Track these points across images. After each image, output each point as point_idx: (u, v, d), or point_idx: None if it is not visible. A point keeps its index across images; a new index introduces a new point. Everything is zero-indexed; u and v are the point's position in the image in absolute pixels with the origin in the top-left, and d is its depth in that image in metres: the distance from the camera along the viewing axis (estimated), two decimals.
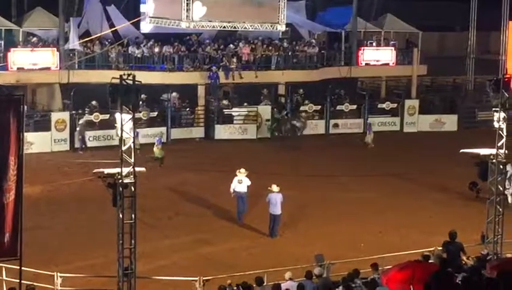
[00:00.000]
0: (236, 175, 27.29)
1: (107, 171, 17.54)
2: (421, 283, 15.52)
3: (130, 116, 17.38)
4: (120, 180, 17.14)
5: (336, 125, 42.97)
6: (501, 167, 21.33)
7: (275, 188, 25.83)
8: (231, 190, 27.18)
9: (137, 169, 17.48)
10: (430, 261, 18.96)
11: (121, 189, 17.18)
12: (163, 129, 39.16)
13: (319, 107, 42.81)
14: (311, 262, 20.01)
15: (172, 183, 31.91)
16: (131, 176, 17.34)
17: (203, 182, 32.14)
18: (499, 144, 21.10)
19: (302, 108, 42.38)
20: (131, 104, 17.28)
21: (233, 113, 41.06)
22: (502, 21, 49.82)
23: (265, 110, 41.29)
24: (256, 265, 20.98)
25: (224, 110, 40.95)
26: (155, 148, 34.84)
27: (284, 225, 26.24)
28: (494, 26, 51.10)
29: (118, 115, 17.59)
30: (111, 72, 34.99)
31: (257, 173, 29.13)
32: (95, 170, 18.33)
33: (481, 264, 18.41)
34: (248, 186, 27.07)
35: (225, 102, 41.49)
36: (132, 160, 17.28)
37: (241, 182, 27.11)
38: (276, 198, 25.60)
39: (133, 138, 17.46)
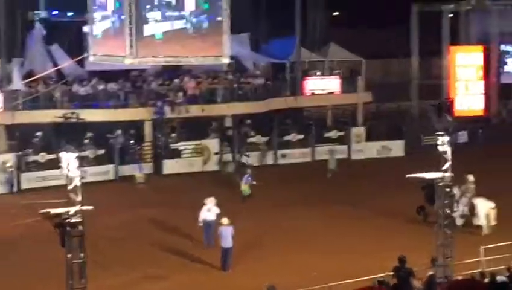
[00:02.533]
0: (204, 204, 27.57)
1: (53, 211, 17.37)
2: None
3: (75, 154, 17.27)
4: (67, 220, 16.97)
5: (284, 156, 43.09)
6: (447, 190, 21.53)
7: (225, 221, 25.78)
8: (200, 219, 27.42)
9: (84, 208, 17.34)
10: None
11: (68, 229, 17.01)
12: (111, 167, 38.88)
13: (267, 138, 42.91)
14: None
15: (122, 220, 31.64)
16: (79, 215, 17.19)
17: (153, 217, 31.93)
18: (444, 168, 21.32)
19: (249, 140, 42.47)
20: (75, 142, 17.17)
21: (181, 148, 40.96)
22: (443, 45, 50.59)
23: (212, 144, 41.26)
24: None
25: (171, 145, 40.84)
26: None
27: (237, 257, 26.13)
28: (436, 52, 51.89)
29: (62, 154, 17.46)
30: (56, 111, 34.58)
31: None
32: (42, 211, 18.12)
33: (431, 287, 18.54)
34: (217, 215, 27.22)
35: (172, 137, 41.40)
36: (79, 199, 17.13)
37: (210, 210, 27.40)
38: (226, 231, 25.54)
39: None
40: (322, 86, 46.81)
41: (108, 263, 26.09)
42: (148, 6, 38.24)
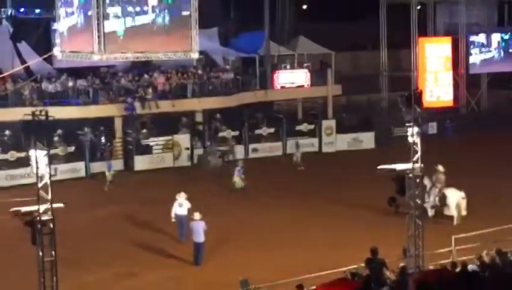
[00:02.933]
0: (176, 199, 27.61)
1: (24, 209, 17.27)
2: None
3: (45, 152, 17.16)
4: (38, 218, 16.88)
5: (255, 150, 43.11)
6: (418, 180, 21.64)
7: (197, 216, 25.77)
8: (172, 214, 27.50)
9: (55, 205, 17.25)
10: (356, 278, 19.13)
11: (39, 226, 16.92)
12: (82, 164, 38.69)
13: (237, 132, 42.92)
14: (237, 288, 19.97)
15: (93, 218, 31.55)
16: (49, 213, 17.10)
17: (125, 214, 31.85)
18: (414, 159, 21.43)
19: (220, 134, 42.45)
20: (45, 140, 17.07)
21: (151, 144, 40.85)
22: (412, 37, 50.86)
23: (183, 139, 41.17)
24: None
25: (142, 141, 40.72)
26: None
27: (209, 251, 26.13)
28: (404, 44, 52.16)
29: (32, 152, 17.36)
30: (25, 109, 34.34)
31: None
32: (12, 209, 18.00)
33: (403, 278, 18.63)
34: (189, 209, 27.25)
35: (143, 133, 41.27)
36: (49, 197, 17.04)
37: (181, 206, 27.50)
38: (198, 226, 25.54)
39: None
40: (291, 79, 46.90)
41: (81, 260, 25.99)
42: (108, 1, 37.84)
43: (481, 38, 52.42)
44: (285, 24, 50.04)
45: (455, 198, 29.65)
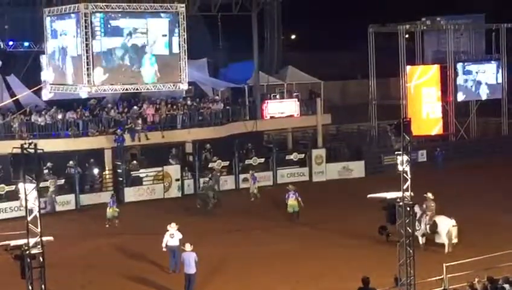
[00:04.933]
0: (167, 230, 27.50)
1: (13, 243, 17.19)
2: None
3: (34, 185, 17.12)
4: (27, 252, 16.80)
5: (245, 180, 43.05)
6: (408, 209, 21.63)
7: (188, 247, 25.67)
8: (163, 245, 27.40)
9: (44, 238, 17.17)
10: None
11: (28, 260, 16.84)
12: (72, 196, 38.57)
13: (228, 163, 42.90)
14: None
15: (84, 251, 31.39)
16: (39, 246, 17.02)
17: (116, 246, 31.71)
18: (404, 187, 21.44)
19: (210, 165, 42.41)
20: (34, 173, 17.03)
21: (141, 175, 40.77)
22: (400, 66, 51.07)
23: (173, 170, 41.11)
24: None
25: (132, 173, 40.64)
26: (108, 210, 34.72)
27: (200, 282, 26.02)
28: (393, 72, 52.36)
29: (21, 185, 17.31)
30: (14, 142, 34.41)
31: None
32: (1, 243, 17.92)
33: None
34: (180, 240, 27.16)
35: (133, 164, 41.20)
36: (39, 230, 16.97)
37: (173, 237, 27.41)
38: (189, 257, 25.43)
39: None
40: (281, 109, 46.98)
41: None
42: (99, 33, 38.01)
43: (469, 66, 52.60)
44: (274, 54, 50.18)
45: (446, 226, 29.62)
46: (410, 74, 51.46)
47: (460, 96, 52.18)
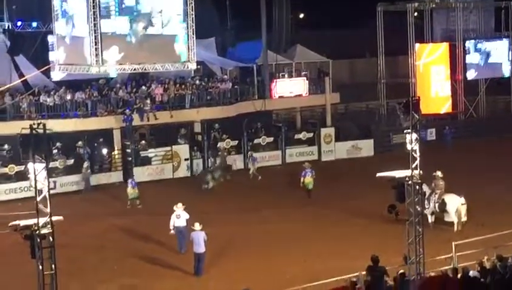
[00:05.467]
0: (174, 211, 27.50)
1: (23, 223, 17.25)
2: None
3: (43, 165, 17.16)
4: (37, 231, 16.86)
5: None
6: (417, 187, 21.61)
7: (197, 226, 25.74)
8: (171, 226, 27.40)
9: (54, 218, 17.22)
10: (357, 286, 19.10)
11: (38, 240, 16.90)
12: (81, 176, 38.64)
13: (236, 142, 42.91)
14: None
15: (94, 231, 31.47)
16: (49, 226, 17.07)
17: (126, 226, 31.80)
18: (413, 165, 21.41)
19: (219, 144, 42.41)
20: (43, 153, 17.07)
21: (150, 155, 40.82)
22: (409, 44, 50.90)
23: (182, 150, 41.14)
24: None
25: (141, 153, 40.68)
26: (129, 190, 34.65)
27: (209, 262, 26.10)
28: (402, 50, 52.18)
29: (30, 165, 17.35)
30: (23, 122, 34.42)
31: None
32: (11, 223, 17.98)
33: (403, 284, 18.61)
34: (187, 220, 27.19)
35: (142, 144, 41.24)
36: (48, 210, 17.02)
37: (179, 217, 27.41)
38: (198, 236, 25.50)
39: None
40: (289, 88, 46.85)
41: (82, 274, 25.96)
42: (109, 12, 37.95)
43: (478, 44, 52.40)
44: (283, 33, 49.98)
45: (455, 204, 29.62)
46: (419, 52, 51.31)
47: (472, 74, 51.98)
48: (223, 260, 26.89)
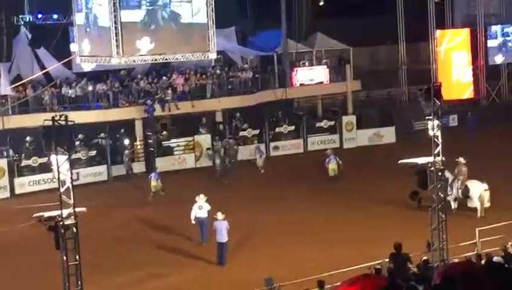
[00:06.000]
0: (196, 201, 27.54)
1: (47, 214, 17.37)
2: None
3: (66, 157, 17.25)
4: (61, 223, 16.97)
5: (276, 148, 43.10)
6: (440, 174, 21.55)
7: (219, 215, 25.80)
8: (192, 217, 27.43)
9: (77, 209, 17.33)
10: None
11: (62, 231, 17.01)
12: (104, 167, 38.83)
13: (258, 131, 42.90)
14: (261, 286, 20.00)
15: (117, 221, 31.64)
16: (72, 217, 17.18)
17: (149, 217, 31.92)
18: (436, 152, 21.35)
19: (241, 133, 42.46)
20: (65, 144, 17.16)
21: (172, 145, 40.91)
22: (430, 30, 50.64)
23: (204, 139, 41.20)
24: None
25: (163, 143, 40.78)
26: (152, 183, 34.59)
27: (233, 250, 26.19)
28: (423, 37, 51.92)
29: (53, 157, 17.45)
30: (45, 114, 34.55)
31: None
32: (35, 215, 18.12)
33: (427, 271, 18.57)
34: (208, 211, 27.27)
35: (164, 134, 41.34)
36: (72, 201, 17.12)
37: (201, 208, 27.46)
38: (221, 226, 25.58)
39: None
40: (310, 76, 46.80)
41: (105, 264, 26.13)
42: (125, 4, 37.95)
43: (494, 28, 52.09)
44: (303, 21, 49.79)
45: (478, 190, 29.52)
46: (440, 38, 51.02)
47: (500, 58, 51.73)
48: (246, 248, 26.96)
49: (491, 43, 51.61)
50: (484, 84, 51.78)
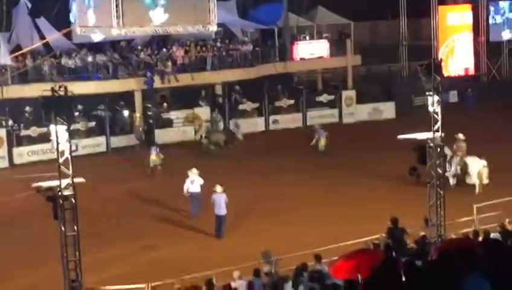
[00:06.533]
0: (188, 176, 27.43)
1: (45, 184, 17.37)
2: (368, 271, 15.60)
3: (65, 127, 17.21)
4: (59, 193, 16.97)
5: (275, 121, 43.07)
6: (439, 149, 21.53)
7: (218, 188, 25.81)
8: (185, 191, 27.40)
9: (76, 180, 17.32)
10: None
11: (61, 201, 17.01)
12: (103, 138, 38.80)
13: (257, 104, 42.85)
14: (259, 259, 20.03)
15: (115, 193, 31.67)
16: (71, 188, 17.18)
17: (147, 189, 31.95)
18: (435, 128, 21.32)
19: (240, 107, 42.41)
20: (65, 115, 17.12)
21: (172, 117, 40.87)
22: (432, 6, 50.44)
23: (203, 112, 41.16)
24: (205, 267, 20.93)
25: (163, 115, 40.73)
26: (152, 157, 34.22)
27: (230, 224, 26.22)
28: (424, 13, 51.71)
29: (52, 127, 17.41)
30: (45, 85, 34.26)
31: (200, 174, 28.97)
32: (34, 184, 18.12)
33: (424, 246, 18.62)
34: (201, 185, 27.30)
35: (164, 106, 41.28)
36: (70, 172, 17.11)
37: (193, 182, 27.37)
38: (220, 199, 25.60)
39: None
40: (311, 50, 46.76)
41: (103, 235, 26.14)
42: None
43: (502, 4, 51.89)
44: None
45: (477, 166, 29.53)
46: (442, 14, 50.83)
47: (507, 34, 51.60)
48: (243, 222, 26.99)
49: (497, 19, 51.42)
50: (485, 61, 51.67)
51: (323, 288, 16.36)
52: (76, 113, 37.45)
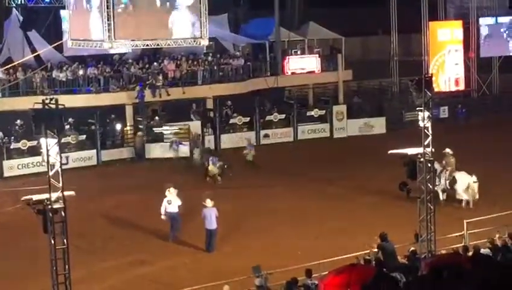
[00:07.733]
0: (165, 196, 26.93)
1: (35, 197, 17.32)
2: (358, 286, 15.60)
3: (56, 140, 17.20)
4: (49, 206, 16.93)
5: (266, 136, 43.06)
6: (429, 165, 21.58)
7: (209, 203, 25.79)
8: (162, 212, 26.81)
9: (66, 193, 17.29)
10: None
11: (50, 215, 16.98)
12: (94, 152, 38.73)
13: (248, 118, 42.85)
14: (249, 274, 20.00)
15: (105, 206, 31.57)
16: (61, 201, 17.14)
17: (137, 202, 31.87)
18: (426, 143, 21.37)
19: (231, 121, 42.42)
20: (55, 128, 17.10)
21: (164, 131, 40.77)
22: (422, 22, 50.62)
23: (196, 126, 41.08)
24: (195, 281, 20.90)
25: (154, 129, 40.66)
26: (210, 167, 34.62)
27: (221, 238, 26.19)
28: (415, 28, 51.89)
29: (43, 140, 17.40)
30: (36, 98, 34.30)
31: (190, 189, 29.01)
32: (24, 198, 18.06)
33: (414, 261, 18.62)
34: (179, 206, 26.77)
35: (155, 120, 41.21)
36: (60, 184, 17.08)
37: (170, 203, 26.71)
38: (210, 213, 25.57)
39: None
40: (302, 65, 46.83)
41: (94, 248, 26.10)
42: None
43: (492, 21, 52.11)
44: (295, 9, 49.86)
45: (466, 182, 29.55)
46: (433, 30, 51.00)
47: (482, 52, 51.76)
48: (234, 236, 26.95)
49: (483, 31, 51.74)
50: (475, 77, 51.85)
51: None
52: (67, 126, 37.38)
